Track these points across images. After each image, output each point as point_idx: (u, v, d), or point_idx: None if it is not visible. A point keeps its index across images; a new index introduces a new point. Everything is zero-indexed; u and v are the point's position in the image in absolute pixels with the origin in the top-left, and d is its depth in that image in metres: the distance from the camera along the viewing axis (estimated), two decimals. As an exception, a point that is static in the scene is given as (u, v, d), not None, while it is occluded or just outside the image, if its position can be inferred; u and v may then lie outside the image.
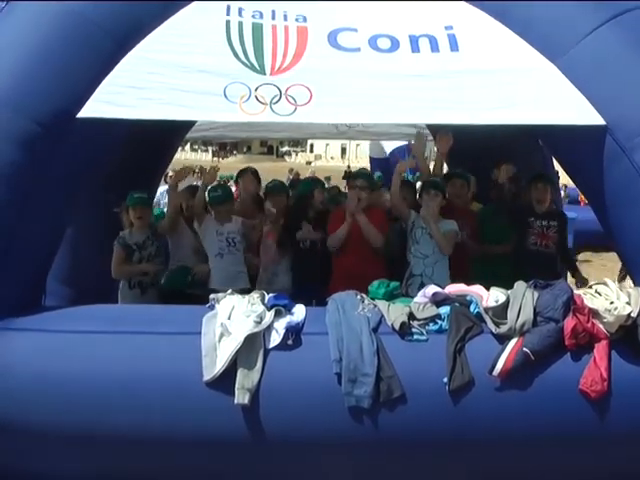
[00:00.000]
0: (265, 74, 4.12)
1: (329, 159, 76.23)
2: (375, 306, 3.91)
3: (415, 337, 3.72)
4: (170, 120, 4.11)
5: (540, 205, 5.65)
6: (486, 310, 3.79)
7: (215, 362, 3.57)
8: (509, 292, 3.90)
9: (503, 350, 3.62)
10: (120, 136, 4.65)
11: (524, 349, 3.60)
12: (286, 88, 4.05)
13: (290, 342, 3.66)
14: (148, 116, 3.99)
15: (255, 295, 3.94)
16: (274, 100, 4.01)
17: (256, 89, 4.03)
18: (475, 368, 3.59)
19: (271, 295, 3.97)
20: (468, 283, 4.09)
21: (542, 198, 5.67)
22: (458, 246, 5.23)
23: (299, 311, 3.86)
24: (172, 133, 6.87)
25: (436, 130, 8.05)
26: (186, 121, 6.50)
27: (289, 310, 3.84)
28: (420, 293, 4.06)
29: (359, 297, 3.97)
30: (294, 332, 3.69)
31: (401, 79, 4.15)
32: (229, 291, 4.03)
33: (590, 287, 3.96)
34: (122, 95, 4.00)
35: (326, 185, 7.84)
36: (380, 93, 4.10)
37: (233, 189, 7.05)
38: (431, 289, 4.01)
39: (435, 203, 5.15)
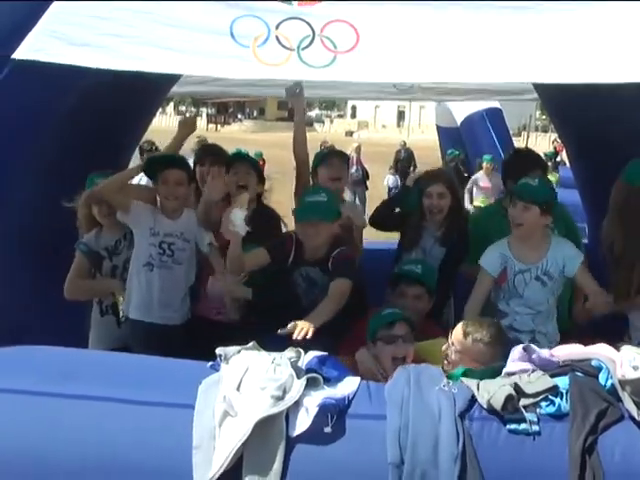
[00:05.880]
0: (291, 4, 4.16)
1: (379, 128, 76.69)
2: (461, 381, 3.85)
3: (523, 426, 3.56)
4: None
5: None
6: (622, 383, 3.67)
7: (211, 459, 3.48)
8: None
9: None
10: (70, 90, 4.82)
11: None
12: (322, 26, 4.08)
13: (328, 429, 3.54)
14: (111, 65, 4.05)
15: (289, 354, 3.89)
16: (304, 43, 4.05)
17: (277, 26, 4.06)
18: (613, 475, 3.45)
19: (315, 356, 3.91)
20: None
21: None
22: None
23: (348, 384, 3.77)
24: (149, 87, 6.80)
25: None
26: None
27: (334, 383, 3.77)
28: (512, 355, 3.98)
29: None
30: (334, 413, 3.58)
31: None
32: (250, 344, 4.01)
33: None
34: (78, 29, 4.06)
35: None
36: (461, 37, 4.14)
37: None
38: (530, 350, 3.95)
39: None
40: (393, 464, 3.47)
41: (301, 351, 3.95)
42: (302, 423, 3.57)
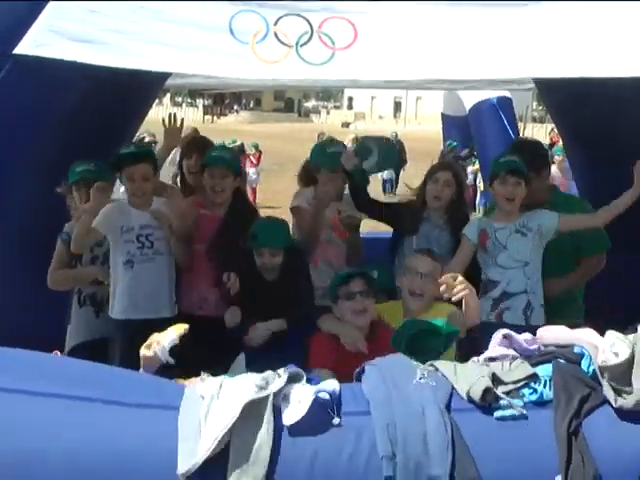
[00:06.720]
0: (289, -1, 4.17)
1: (376, 119, 76.44)
2: (437, 369, 3.77)
3: (509, 411, 3.52)
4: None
5: None
6: (602, 370, 3.65)
7: (196, 448, 3.34)
8: (634, 338, 3.73)
9: None
10: (69, 88, 4.85)
11: None
12: (320, 22, 4.07)
13: (336, 420, 3.47)
14: (111, 62, 4.07)
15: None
16: (302, 40, 4.05)
17: (276, 22, 4.04)
18: (600, 457, 3.44)
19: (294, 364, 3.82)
20: None
21: None
22: None
23: (329, 383, 3.67)
24: (146, 83, 6.82)
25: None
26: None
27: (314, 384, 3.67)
28: (494, 340, 3.95)
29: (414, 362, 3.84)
30: (332, 403, 3.51)
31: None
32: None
33: None
34: (79, 24, 4.08)
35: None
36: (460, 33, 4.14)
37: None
38: (510, 338, 3.90)
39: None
40: (386, 457, 3.39)
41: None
42: (295, 412, 3.44)
